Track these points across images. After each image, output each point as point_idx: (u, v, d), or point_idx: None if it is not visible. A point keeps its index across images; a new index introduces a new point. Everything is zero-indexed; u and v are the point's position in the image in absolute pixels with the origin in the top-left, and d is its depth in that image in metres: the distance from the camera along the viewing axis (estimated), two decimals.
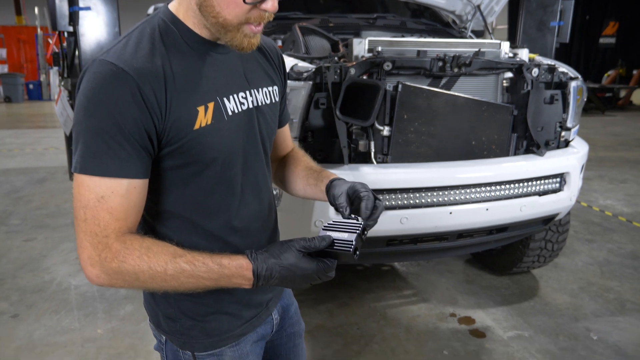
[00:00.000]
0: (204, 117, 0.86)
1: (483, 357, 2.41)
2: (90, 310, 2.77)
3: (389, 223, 2.08)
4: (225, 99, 0.91)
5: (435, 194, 2.13)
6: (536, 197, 2.31)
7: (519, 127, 2.36)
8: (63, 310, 2.78)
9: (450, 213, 2.14)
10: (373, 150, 2.12)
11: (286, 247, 0.85)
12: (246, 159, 0.97)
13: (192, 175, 0.90)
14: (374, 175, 2.04)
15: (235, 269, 0.84)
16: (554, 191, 2.38)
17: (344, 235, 0.86)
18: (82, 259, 0.82)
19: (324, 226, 0.89)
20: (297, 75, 2.04)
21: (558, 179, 2.38)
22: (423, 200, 2.12)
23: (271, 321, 1.13)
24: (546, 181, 2.34)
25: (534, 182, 2.31)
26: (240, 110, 0.93)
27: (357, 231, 0.86)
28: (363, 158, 2.15)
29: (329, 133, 2.07)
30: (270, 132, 1.04)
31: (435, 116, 2.19)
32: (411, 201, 2.11)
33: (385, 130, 2.12)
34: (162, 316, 1.01)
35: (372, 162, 2.12)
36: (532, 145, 2.37)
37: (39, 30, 14.85)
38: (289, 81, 2.07)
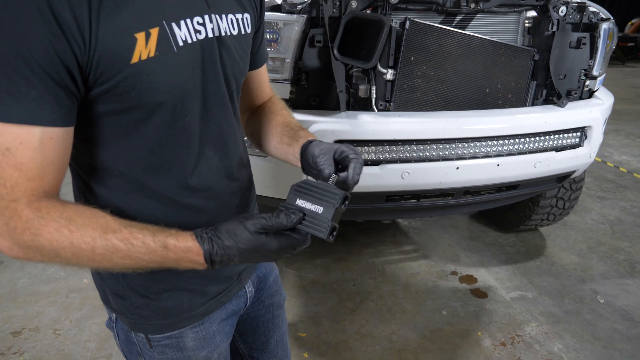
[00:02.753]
0: (144, 47, 0.65)
1: (483, 318, 2.30)
2: None
3: (390, 178, 1.90)
4: (174, 24, 0.69)
5: (441, 146, 1.94)
6: (553, 153, 2.10)
7: (539, 74, 2.12)
8: None
9: (457, 168, 1.95)
10: (374, 96, 1.90)
11: (242, 227, 0.68)
12: (205, 103, 0.77)
13: (135, 123, 0.70)
14: (374, 124, 1.83)
15: (182, 252, 0.67)
16: (573, 147, 2.17)
17: (318, 209, 0.68)
18: None
19: (295, 187, 0.71)
20: (290, 8, 1.79)
21: (578, 134, 2.16)
22: (428, 154, 1.93)
23: (244, 295, 0.98)
24: (565, 135, 2.13)
25: (552, 136, 2.09)
26: (195, 39, 0.72)
27: (336, 204, 0.68)
28: (363, 105, 1.93)
29: (325, 75, 1.84)
30: (238, 71, 0.83)
31: (446, 59, 1.95)
32: (414, 154, 1.92)
33: (389, 74, 1.89)
34: (109, 292, 0.85)
35: (372, 110, 1.90)
36: (552, 95, 2.14)
37: None
38: (280, 14, 1.85)
